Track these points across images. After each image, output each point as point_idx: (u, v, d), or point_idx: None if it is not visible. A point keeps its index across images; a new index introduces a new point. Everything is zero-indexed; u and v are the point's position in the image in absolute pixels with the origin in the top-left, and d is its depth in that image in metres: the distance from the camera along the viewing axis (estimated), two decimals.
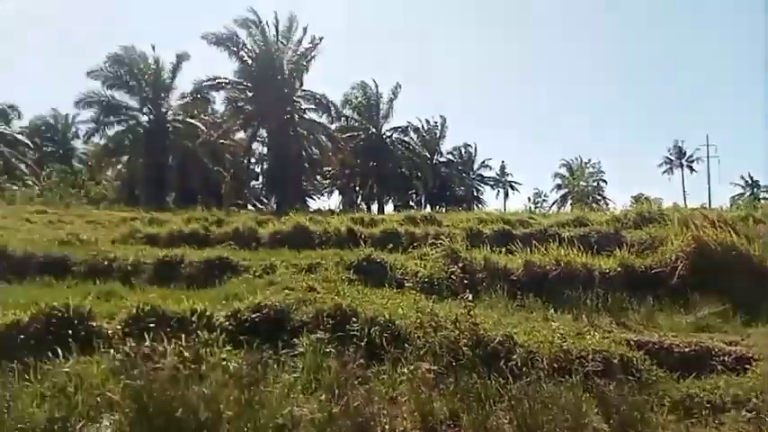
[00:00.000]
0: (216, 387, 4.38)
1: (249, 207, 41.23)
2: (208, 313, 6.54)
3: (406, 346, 5.62)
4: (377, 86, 47.59)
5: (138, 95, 38.76)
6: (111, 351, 5.41)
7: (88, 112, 39.46)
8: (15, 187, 35.18)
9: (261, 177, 48.38)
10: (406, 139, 50.80)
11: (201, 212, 19.84)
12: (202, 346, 5.42)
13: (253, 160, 45.10)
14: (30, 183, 38.65)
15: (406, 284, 8.05)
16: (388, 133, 49.16)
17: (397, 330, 6.07)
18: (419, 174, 52.67)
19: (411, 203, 54.93)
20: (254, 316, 6.56)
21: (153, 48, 39.17)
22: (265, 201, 45.11)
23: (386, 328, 6.07)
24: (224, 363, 5.12)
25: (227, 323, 6.45)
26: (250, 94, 38.00)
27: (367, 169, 47.92)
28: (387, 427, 3.97)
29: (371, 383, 4.89)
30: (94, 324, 6.20)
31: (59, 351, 5.40)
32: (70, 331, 5.85)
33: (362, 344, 5.61)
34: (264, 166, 45.08)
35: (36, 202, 28.19)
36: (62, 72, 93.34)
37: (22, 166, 44.45)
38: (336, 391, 4.28)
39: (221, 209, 24.38)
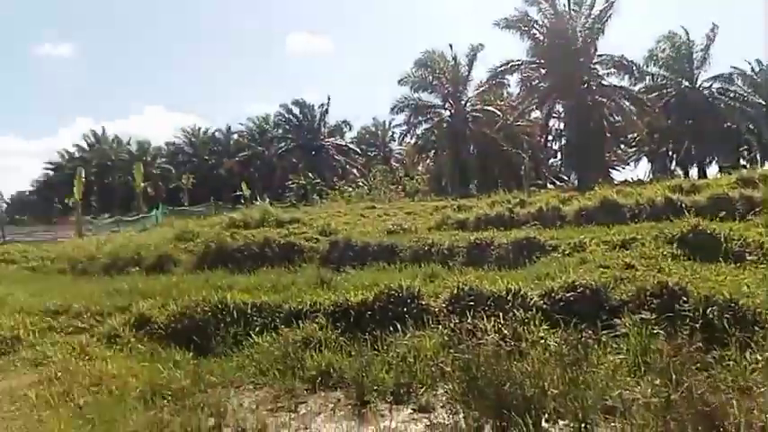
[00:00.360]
0: (538, 364, 4.46)
1: (548, 186, 40.67)
2: (522, 292, 6.70)
3: (756, 329, 4.84)
4: (687, 34, 41.34)
5: (440, 93, 41.92)
6: (440, 326, 6.04)
7: (401, 116, 44.78)
8: (350, 189, 41.96)
9: (558, 154, 47.14)
10: (732, 87, 42.76)
11: (503, 195, 20.24)
12: (519, 324, 5.62)
13: (549, 138, 44.28)
14: (360, 184, 45.58)
15: (748, 258, 6.92)
16: (706, 84, 42.28)
17: (740, 311, 5.32)
18: (751, 126, 43.89)
19: (742, 162, 46.18)
20: (567, 295, 6.48)
21: (450, 46, 41.55)
22: (565, 178, 43.79)
23: (726, 308, 5.37)
24: (542, 341, 5.20)
25: (541, 302, 6.51)
26: (543, 71, 37.19)
27: (681, 129, 42.01)
28: (741, 420, 3.42)
29: (714, 370, 4.32)
30: (423, 302, 6.95)
31: (398, 325, 6.27)
32: (404, 308, 6.73)
33: (697, 326, 5.01)
34: (562, 143, 43.76)
35: (366, 199, 33.03)
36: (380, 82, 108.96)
37: (354, 171, 53.51)
38: (673, 376, 3.89)
39: (521, 190, 24.61)
